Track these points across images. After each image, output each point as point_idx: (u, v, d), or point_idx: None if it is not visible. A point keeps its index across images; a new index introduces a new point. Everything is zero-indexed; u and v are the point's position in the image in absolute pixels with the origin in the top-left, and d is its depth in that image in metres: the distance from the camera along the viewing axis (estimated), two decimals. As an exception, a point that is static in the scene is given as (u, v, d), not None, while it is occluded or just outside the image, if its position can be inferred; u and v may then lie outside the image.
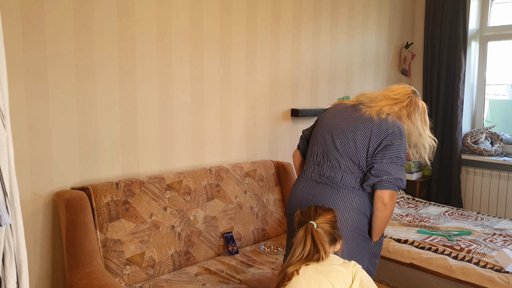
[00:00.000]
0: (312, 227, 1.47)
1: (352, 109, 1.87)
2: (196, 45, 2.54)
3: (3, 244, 0.90)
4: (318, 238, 1.46)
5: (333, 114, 1.91)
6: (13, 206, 0.95)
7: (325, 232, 1.49)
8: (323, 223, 1.50)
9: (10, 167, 0.94)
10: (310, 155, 1.92)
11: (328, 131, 1.86)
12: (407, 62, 4.24)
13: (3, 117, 0.91)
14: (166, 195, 2.28)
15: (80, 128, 2.12)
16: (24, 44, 1.90)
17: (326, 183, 1.81)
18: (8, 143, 0.93)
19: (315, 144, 1.91)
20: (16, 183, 0.96)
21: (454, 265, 2.45)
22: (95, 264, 1.92)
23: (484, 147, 3.94)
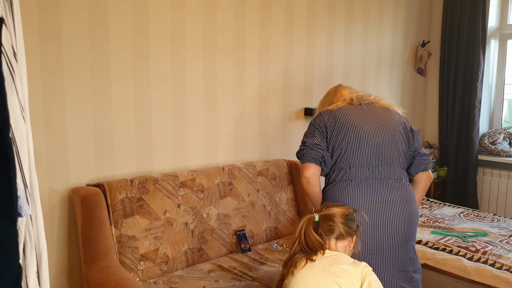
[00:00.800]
0: (311, 218, 1.47)
1: (368, 106, 1.91)
2: (209, 44, 2.56)
3: (24, 234, 0.93)
4: (310, 230, 1.44)
5: (358, 114, 1.84)
6: (33, 197, 0.98)
7: (326, 224, 1.46)
8: (328, 215, 1.48)
9: (30, 159, 0.97)
10: (354, 161, 1.78)
11: (371, 131, 1.80)
12: (423, 61, 4.19)
13: (23, 110, 0.94)
14: (180, 192, 2.30)
15: (95, 126, 2.16)
16: (40, 42, 1.95)
17: (391, 181, 1.78)
18: (28, 136, 0.96)
19: (357, 149, 1.79)
20: (36, 175, 0.99)
21: (469, 266, 2.42)
22: (110, 259, 1.96)
23: (502, 147, 3.86)
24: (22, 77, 0.96)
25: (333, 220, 1.46)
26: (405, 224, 1.73)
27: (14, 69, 0.92)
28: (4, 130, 0.76)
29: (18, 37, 0.96)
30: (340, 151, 1.79)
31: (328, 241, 1.47)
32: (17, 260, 0.80)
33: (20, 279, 0.81)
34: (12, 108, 0.89)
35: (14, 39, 0.94)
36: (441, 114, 4.17)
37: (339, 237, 1.47)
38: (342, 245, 1.48)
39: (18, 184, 0.87)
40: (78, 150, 2.12)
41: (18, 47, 0.95)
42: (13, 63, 0.92)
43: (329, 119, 1.83)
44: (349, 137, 1.79)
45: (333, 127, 1.81)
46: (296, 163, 2.90)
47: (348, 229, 1.48)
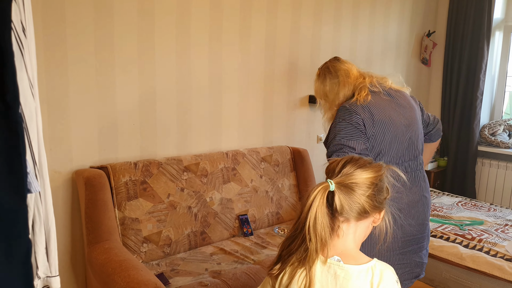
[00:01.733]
0: (326, 188, 0.95)
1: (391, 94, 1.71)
2: (215, 29, 2.54)
3: (33, 210, 0.94)
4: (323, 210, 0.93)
5: (389, 108, 1.66)
6: (42, 174, 0.98)
7: (345, 197, 0.96)
8: (349, 184, 0.96)
9: (39, 136, 0.97)
10: (391, 158, 1.62)
11: (402, 125, 1.65)
12: (428, 51, 4.17)
13: (32, 87, 0.94)
14: (184, 176, 2.32)
15: (99, 108, 2.16)
16: (43, 22, 1.93)
17: (419, 172, 1.71)
18: (37, 113, 0.96)
19: (393, 145, 1.62)
20: (44, 152, 0.99)
21: (465, 253, 2.46)
22: (114, 240, 1.98)
23: (501, 139, 3.89)
24: (31, 54, 0.95)
25: (355, 191, 0.96)
26: (428, 211, 1.73)
27: (23, 45, 0.91)
28: (14, 107, 0.76)
29: (27, 12, 0.94)
30: (378, 150, 1.60)
31: (344, 224, 0.98)
32: (27, 235, 0.81)
33: (30, 254, 0.82)
34: (22, 85, 0.88)
35: (23, 14, 0.93)
36: (443, 104, 4.18)
37: (361, 216, 0.99)
38: (364, 225, 1.01)
39: (28, 160, 0.87)
40: (81, 132, 2.12)
41: (27, 23, 0.94)
42: (22, 38, 0.91)
43: (366, 117, 1.56)
44: (387, 136, 1.61)
45: (371, 126, 1.57)
46: (299, 150, 2.91)
47: (376, 204, 0.99)
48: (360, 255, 1.02)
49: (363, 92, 1.62)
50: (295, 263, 0.97)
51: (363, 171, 0.98)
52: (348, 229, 1.00)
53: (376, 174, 1.00)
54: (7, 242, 0.77)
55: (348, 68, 1.72)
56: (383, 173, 1.02)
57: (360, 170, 0.98)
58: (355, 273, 0.95)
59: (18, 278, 0.78)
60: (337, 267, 0.96)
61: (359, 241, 1.03)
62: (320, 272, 0.97)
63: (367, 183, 0.97)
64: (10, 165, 0.78)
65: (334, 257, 0.98)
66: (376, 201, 0.99)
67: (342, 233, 0.99)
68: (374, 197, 0.98)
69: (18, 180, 0.80)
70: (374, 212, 1.01)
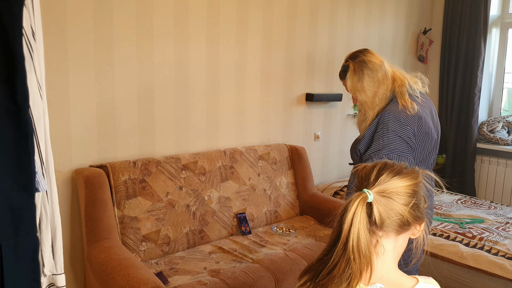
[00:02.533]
0: (364, 198, 0.85)
1: (424, 100, 1.65)
2: (212, 27, 2.54)
3: (40, 209, 0.95)
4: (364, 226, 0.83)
5: (429, 116, 1.63)
6: (48, 173, 0.99)
7: (384, 208, 0.85)
8: (387, 192, 0.86)
9: (46, 136, 0.98)
10: (422, 165, 1.59)
11: (435, 133, 1.63)
12: (424, 49, 4.18)
13: (40, 88, 0.95)
14: (182, 175, 2.32)
15: (98, 108, 2.16)
16: (44, 21, 1.93)
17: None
18: (45, 114, 0.97)
19: (428, 154, 1.59)
20: (51, 152, 1.00)
21: (466, 252, 2.46)
22: (113, 239, 1.98)
23: (500, 136, 3.89)
24: (40, 56, 0.97)
25: (396, 201, 0.86)
26: None
27: (32, 48, 0.92)
28: (23, 107, 0.77)
29: (37, 16, 0.96)
30: (417, 160, 1.55)
31: (383, 240, 0.89)
32: (35, 233, 0.81)
33: (37, 252, 0.83)
34: (31, 86, 0.90)
35: (33, 18, 0.94)
36: (441, 102, 4.19)
37: (402, 229, 0.89)
38: (403, 239, 0.92)
39: (36, 160, 0.88)
40: (81, 132, 2.12)
41: (36, 27, 0.95)
42: (32, 42, 0.93)
43: (415, 128, 1.50)
44: (427, 147, 1.57)
45: (417, 137, 1.51)
46: (297, 148, 2.91)
47: (417, 214, 0.90)
48: (402, 278, 0.91)
49: (406, 97, 1.53)
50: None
51: (401, 178, 0.88)
52: (387, 244, 0.89)
53: (415, 181, 0.90)
54: (16, 239, 0.78)
55: (382, 62, 1.62)
56: (422, 180, 0.93)
57: (398, 177, 0.88)
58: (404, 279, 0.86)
59: (26, 275, 0.78)
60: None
61: (398, 258, 0.93)
62: None
63: (408, 192, 0.87)
64: (20, 164, 0.79)
65: (375, 285, 0.87)
66: (417, 211, 0.89)
67: (383, 250, 0.88)
68: (416, 206, 0.89)
69: (26, 179, 0.81)
70: (416, 224, 0.91)
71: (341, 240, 0.83)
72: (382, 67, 1.60)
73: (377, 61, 1.61)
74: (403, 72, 1.66)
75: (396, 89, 1.57)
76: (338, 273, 0.83)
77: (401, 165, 0.92)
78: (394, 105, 1.54)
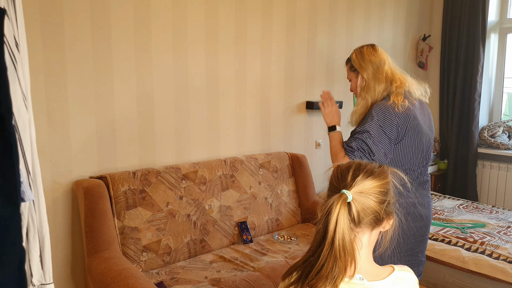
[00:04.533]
0: (344, 198, 0.91)
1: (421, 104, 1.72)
2: (211, 37, 2.57)
3: (27, 219, 0.96)
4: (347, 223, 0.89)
5: (421, 117, 1.68)
6: (36, 184, 1.00)
7: (361, 206, 0.92)
8: (364, 191, 0.93)
9: (32, 147, 0.99)
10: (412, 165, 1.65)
11: (426, 134, 1.68)
12: (424, 55, 4.20)
13: (25, 99, 0.96)
14: (182, 184, 2.33)
15: (98, 119, 2.18)
16: (42, 36, 1.96)
17: (424, 176, 1.73)
18: (30, 124, 0.98)
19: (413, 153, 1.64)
20: (38, 162, 1.01)
21: (467, 257, 2.45)
22: (113, 250, 1.98)
23: (501, 140, 3.89)
24: (24, 67, 0.98)
25: (371, 200, 0.93)
26: (432, 211, 1.76)
27: (16, 59, 0.94)
28: (7, 118, 0.78)
29: (20, 28, 0.98)
30: (400, 157, 1.62)
31: (360, 235, 0.96)
32: (21, 243, 0.82)
33: (23, 262, 0.83)
34: (15, 97, 0.91)
35: (16, 30, 0.96)
36: (441, 108, 4.19)
37: (376, 225, 0.96)
38: (376, 233, 0.99)
39: (21, 170, 0.89)
40: (80, 143, 2.14)
41: (20, 38, 0.97)
42: (15, 53, 0.94)
43: (400, 123, 1.58)
44: (414, 145, 1.63)
45: (403, 134, 1.59)
46: (297, 156, 2.92)
47: (388, 209, 0.98)
48: (378, 268, 0.99)
49: (400, 96, 1.61)
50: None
51: (374, 178, 0.95)
52: (363, 239, 0.96)
53: (386, 179, 0.98)
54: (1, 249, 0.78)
55: (384, 59, 1.72)
56: (391, 178, 1.01)
57: (372, 178, 0.95)
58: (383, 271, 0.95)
59: (12, 285, 0.79)
60: (361, 287, 0.92)
61: (371, 249, 1.00)
62: None
63: (382, 190, 0.95)
64: (3, 175, 0.79)
65: (355, 276, 0.93)
66: (389, 207, 0.97)
67: (361, 245, 0.95)
68: (387, 203, 0.96)
69: (11, 189, 0.81)
70: (387, 218, 0.98)
71: (327, 240, 0.88)
72: (385, 62, 1.71)
73: (380, 56, 1.73)
74: (406, 76, 1.72)
75: (393, 89, 1.64)
76: (327, 272, 0.88)
77: (372, 165, 0.99)
78: (386, 100, 1.62)
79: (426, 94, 1.73)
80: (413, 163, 1.64)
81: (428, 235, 1.74)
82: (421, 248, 1.72)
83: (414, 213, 1.64)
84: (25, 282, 0.83)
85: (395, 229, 1.04)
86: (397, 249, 1.63)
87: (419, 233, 1.68)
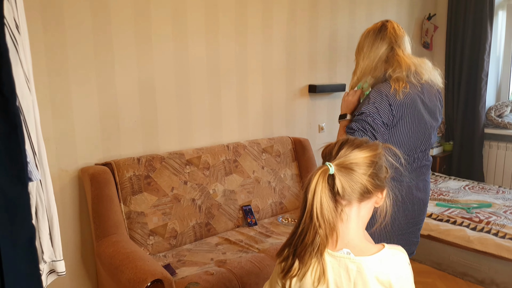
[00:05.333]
0: (325, 171, 0.92)
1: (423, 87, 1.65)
2: (211, 22, 2.57)
3: (35, 198, 0.99)
4: (326, 194, 0.90)
5: (422, 104, 1.63)
6: (42, 164, 1.03)
7: (346, 179, 0.92)
8: (348, 165, 0.93)
9: (37, 128, 1.01)
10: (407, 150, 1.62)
11: (427, 118, 1.64)
12: (429, 35, 4.14)
13: (28, 81, 0.98)
14: (186, 170, 2.36)
15: (101, 107, 2.21)
16: (43, 24, 1.98)
17: (423, 160, 1.71)
18: (34, 106, 1.01)
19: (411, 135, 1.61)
20: (43, 143, 1.04)
21: (472, 236, 2.46)
22: (121, 234, 2.03)
23: (508, 120, 3.84)
24: (26, 49, 1.00)
25: (356, 172, 0.93)
26: (429, 194, 1.77)
27: (17, 41, 0.96)
28: (11, 99, 0.80)
29: (20, 9, 0.99)
30: (397, 139, 1.59)
31: (347, 207, 0.96)
32: (30, 221, 0.85)
33: (34, 239, 0.87)
34: (18, 79, 0.93)
35: (16, 12, 0.97)
36: (447, 89, 4.14)
37: (363, 197, 0.96)
38: (367, 207, 0.98)
39: (27, 150, 0.92)
40: (85, 131, 2.17)
41: (20, 20, 0.98)
42: (16, 35, 0.96)
43: (396, 106, 1.54)
44: (411, 129, 1.60)
45: (397, 120, 1.56)
46: (300, 140, 2.93)
47: (378, 182, 0.96)
48: (367, 244, 0.99)
49: (401, 83, 1.56)
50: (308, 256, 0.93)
51: (360, 151, 0.95)
52: (351, 212, 0.96)
53: (374, 152, 0.97)
54: (12, 227, 0.81)
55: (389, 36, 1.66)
56: (381, 152, 1.00)
57: (358, 150, 0.95)
58: (368, 265, 0.92)
59: (24, 262, 0.82)
60: (348, 261, 0.93)
61: (363, 224, 1.00)
62: (332, 268, 0.93)
63: (367, 162, 0.94)
64: (10, 155, 0.82)
65: (343, 250, 0.94)
66: (377, 180, 0.96)
67: (346, 217, 0.96)
68: (375, 175, 0.95)
69: (18, 168, 0.84)
70: (377, 192, 0.98)
71: (307, 209, 0.92)
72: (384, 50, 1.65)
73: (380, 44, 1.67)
74: (412, 58, 1.64)
75: (390, 73, 1.59)
76: (309, 241, 0.91)
77: (362, 139, 1.00)
78: (387, 85, 1.57)
79: (437, 80, 1.67)
80: (409, 148, 1.62)
81: (423, 217, 1.73)
82: (414, 229, 1.70)
83: (410, 196, 1.64)
84: (36, 259, 0.86)
85: (389, 209, 1.04)
86: (390, 229, 1.63)
87: (414, 215, 1.67)
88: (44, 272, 1.06)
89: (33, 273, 0.83)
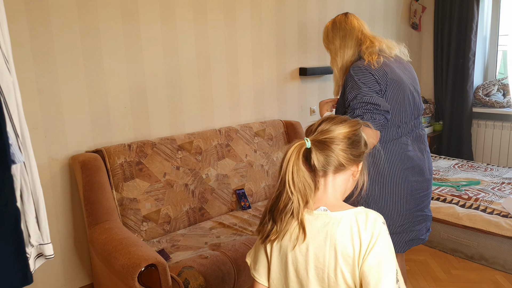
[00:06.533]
0: (302, 145, 1.00)
1: (397, 58, 1.74)
2: (200, 5, 2.53)
3: (19, 181, 0.97)
4: (299, 166, 0.98)
5: (399, 70, 1.68)
6: (25, 146, 1.00)
7: (321, 153, 1.00)
8: (324, 140, 1.01)
9: (19, 110, 0.99)
10: (401, 118, 1.65)
11: (410, 86, 1.68)
12: (417, 16, 4.14)
13: (7, 62, 0.95)
14: (178, 155, 2.35)
15: (89, 94, 2.17)
16: (27, 11, 1.93)
17: (419, 129, 1.75)
18: (15, 88, 0.98)
19: (404, 105, 1.65)
20: (26, 125, 1.01)
21: (462, 213, 2.50)
22: (113, 220, 2.02)
23: (496, 99, 3.89)
24: (4, 30, 0.97)
25: (330, 146, 1.00)
26: (431, 165, 1.79)
27: None
28: None
29: None
30: (390, 109, 1.61)
31: (322, 178, 1.04)
32: (14, 203, 0.84)
33: (19, 221, 0.85)
34: None
35: None
36: (436, 69, 4.17)
37: (337, 170, 1.03)
38: (342, 178, 1.05)
39: (9, 133, 0.90)
40: (74, 118, 2.14)
41: None
42: None
43: (380, 77, 1.58)
44: (399, 95, 1.63)
45: (385, 86, 1.59)
46: (292, 123, 2.93)
47: (352, 157, 1.03)
48: (345, 204, 1.06)
49: (374, 56, 1.62)
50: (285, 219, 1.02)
51: (337, 127, 1.02)
52: (326, 182, 1.04)
53: (351, 128, 1.03)
54: None
55: (354, 26, 1.72)
56: (359, 128, 1.06)
57: (335, 126, 1.02)
58: (342, 218, 0.99)
59: (9, 244, 0.81)
60: (324, 216, 1.01)
61: (340, 192, 1.07)
62: (310, 224, 1.01)
63: (340, 138, 1.01)
64: None
65: (320, 207, 1.03)
66: (351, 154, 1.03)
67: (322, 186, 1.04)
68: (350, 150, 1.02)
69: (0, 151, 0.82)
70: (351, 165, 1.04)
71: (281, 177, 1.00)
72: (350, 28, 1.72)
73: (347, 23, 1.74)
74: (381, 38, 1.73)
75: (363, 50, 1.65)
76: (283, 205, 1.00)
77: (342, 117, 1.08)
78: (361, 61, 1.63)
79: (404, 53, 1.76)
80: (405, 116, 1.65)
81: (430, 189, 1.75)
82: (425, 203, 1.73)
83: (413, 168, 1.66)
84: (22, 241, 0.85)
85: (364, 180, 1.12)
86: (405, 206, 1.65)
87: (421, 188, 1.69)
88: (32, 255, 1.04)
89: (19, 256, 0.82)
